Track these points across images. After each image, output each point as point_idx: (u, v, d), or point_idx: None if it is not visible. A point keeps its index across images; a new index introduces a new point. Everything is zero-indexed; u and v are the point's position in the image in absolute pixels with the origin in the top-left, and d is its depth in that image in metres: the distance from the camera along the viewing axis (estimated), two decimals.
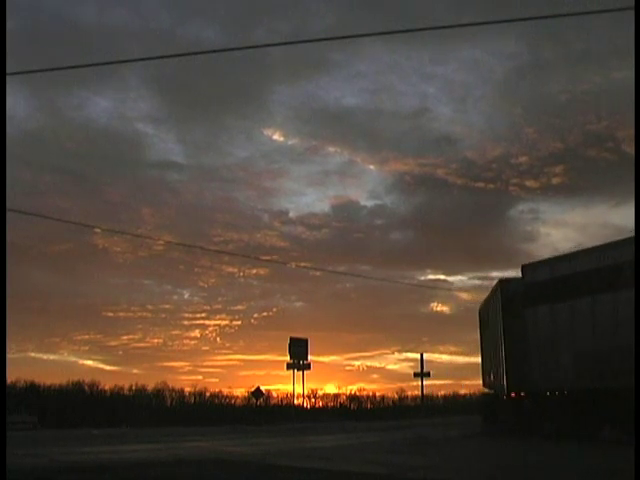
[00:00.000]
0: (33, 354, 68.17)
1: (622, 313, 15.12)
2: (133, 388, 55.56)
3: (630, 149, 60.17)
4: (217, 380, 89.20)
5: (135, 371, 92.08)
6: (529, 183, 69.60)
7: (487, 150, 70.90)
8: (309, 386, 49.53)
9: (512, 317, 18.90)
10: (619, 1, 9.62)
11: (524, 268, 19.13)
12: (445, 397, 64.04)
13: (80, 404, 47.99)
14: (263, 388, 43.80)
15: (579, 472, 10.35)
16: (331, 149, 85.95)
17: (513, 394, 18.88)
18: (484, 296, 24.26)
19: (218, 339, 74.87)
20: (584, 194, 70.75)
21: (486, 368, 24.06)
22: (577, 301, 16.61)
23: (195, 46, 62.39)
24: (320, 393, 60.63)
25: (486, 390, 24.39)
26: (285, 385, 48.92)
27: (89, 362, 69.71)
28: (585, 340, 16.40)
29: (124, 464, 11.54)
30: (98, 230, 56.22)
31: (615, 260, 15.76)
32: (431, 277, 70.55)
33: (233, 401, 58.42)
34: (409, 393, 60.74)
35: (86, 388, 54.20)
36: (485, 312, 23.37)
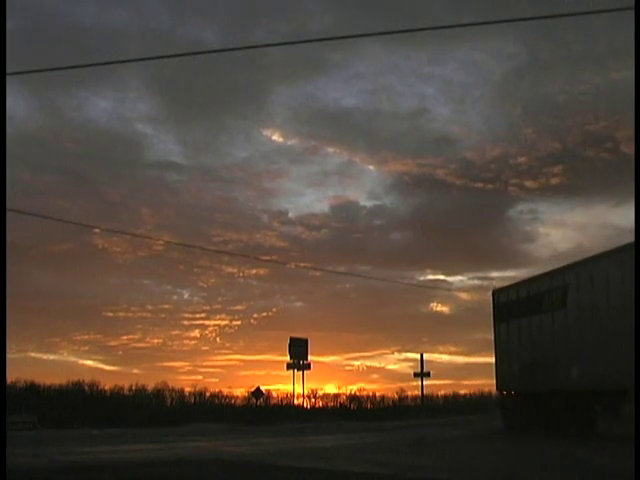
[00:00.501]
0: (33, 354, 68.20)
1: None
2: (133, 388, 55.64)
3: (629, 150, 60.31)
4: (217, 380, 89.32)
5: (135, 371, 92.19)
6: (528, 183, 69.63)
7: (486, 150, 70.84)
8: (309, 386, 49.50)
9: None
10: (618, 2, 9.61)
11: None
12: (445, 397, 64.15)
13: (80, 404, 48.01)
14: (263, 388, 43.84)
15: (581, 472, 10.37)
16: (330, 149, 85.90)
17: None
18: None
19: (218, 339, 74.85)
20: (583, 194, 70.84)
21: None
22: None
23: (195, 47, 62.27)
24: (320, 393, 60.68)
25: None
26: (285, 385, 48.93)
27: (89, 362, 69.74)
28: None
29: (124, 464, 11.54)
30: (97, 230, 55.98)
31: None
32: (431, 277, 70.57)
33: (233, 401, 58.50)
34: (409, 393, 60.82)
35: (86, 388, 54.26)
36: None
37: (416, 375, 41.12)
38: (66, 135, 67.12)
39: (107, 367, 71.59)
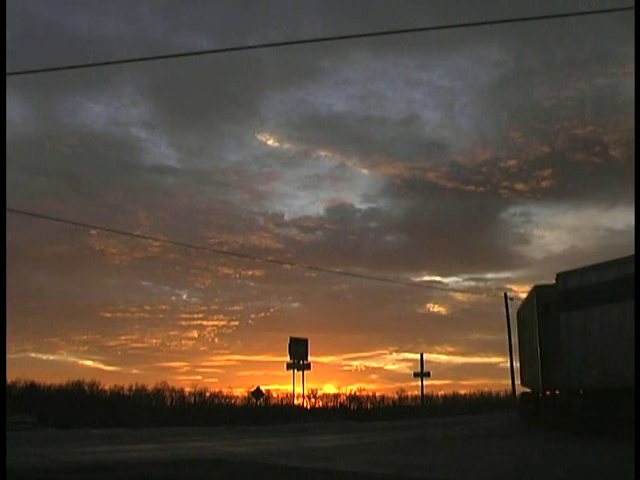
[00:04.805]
0: (33, 354, 68.26)
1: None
2: (133, 388, 55.63)
3: (617, 153, 61.08)
4: (216, 380, 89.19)
5: (134, 371, 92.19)
6: (519, 186, 70.39)
7: (476, 154, 71.38)
8: (308, 386, 49.52)
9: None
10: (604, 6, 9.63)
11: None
12: (445, 397, 64.16)
13: (80, 404, 47.98)
14: (262, 388, 43.81)
15: (575, 471, 10.36)
16: (322, 153, 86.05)
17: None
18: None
19: (216, 339, 74.86)
20: (573, 197, 71.71)
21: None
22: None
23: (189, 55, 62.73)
24: (320, 393, 60.67)
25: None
26: (284, 385, 48.94)
27: (88, 362, 69.80)
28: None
29: (124, 464, 11.53)
30: (94, 232, 56.03)
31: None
32: (426, 278, 71.10)
33: (233, 401, 58.50)
34: (409, 393, 60.84)
35: (86, 388, 54.23)
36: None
37: (416, 375, 41.06)
38: (62, 139, 67.57)
39: (106, 367, 71.71)
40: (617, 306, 17.48)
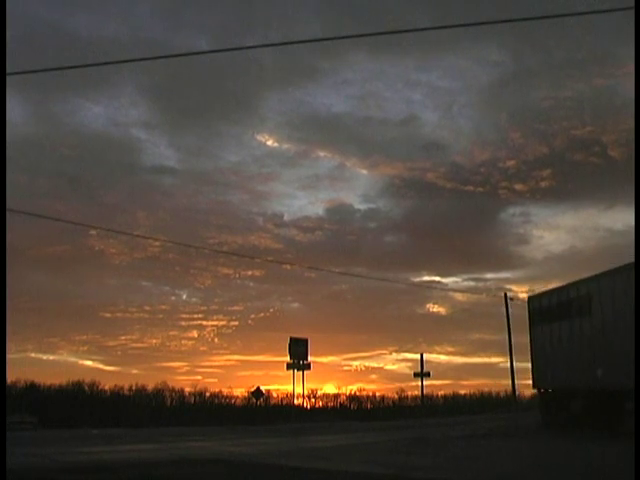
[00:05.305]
0: (33, 354, 68.37)
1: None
2: (133, 388, 55.67)
3: (616, 154, 61.19)
4: (216, 380, 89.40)
5: (134, 371, 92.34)
6: (518, 187, 70.69)
7: (475, 154, 71.52)
8: (308, 386, 49.50)
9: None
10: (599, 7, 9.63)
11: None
12: (445, 397, 64.16)
13: (80, 404, 47.98)
14: (262, 388, 43.82)
15: (580, 472, 10.37)
16: (321, 154, 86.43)
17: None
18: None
19: (216, 339, 75.04)
20: (572, 197, 71.95)
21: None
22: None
23: (188, 56, 62.80)
24: (320, 393, 60.70)
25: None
26: (283, 385, 49.01)
27: (88, 362, 69.92)
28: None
29: (124, 464, 11.53)
30: (94, 232, 56.12)
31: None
32: (426, 278, 71.43)
33: (233, 401, 58.52)
34: (409, 393, 60.87)
35: (86, 388, 54.29)
36: None
37: (416, 375, 41.06)
38: (62, 139, 67.74)
39: (106, 367, 71.89)
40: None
